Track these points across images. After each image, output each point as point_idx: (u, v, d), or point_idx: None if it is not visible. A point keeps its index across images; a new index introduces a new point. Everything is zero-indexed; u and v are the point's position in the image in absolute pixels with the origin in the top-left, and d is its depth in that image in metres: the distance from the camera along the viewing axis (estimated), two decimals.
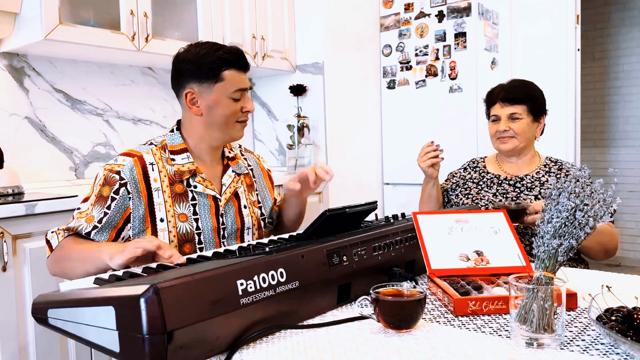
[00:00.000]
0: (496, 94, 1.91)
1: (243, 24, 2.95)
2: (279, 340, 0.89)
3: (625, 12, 4.97)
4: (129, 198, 1.33)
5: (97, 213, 1.33)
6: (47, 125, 2.50)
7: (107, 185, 1.34)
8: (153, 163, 1.39)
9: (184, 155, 1.43)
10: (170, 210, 1.38)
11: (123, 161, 1.37)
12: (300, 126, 3.23)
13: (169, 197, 1.38)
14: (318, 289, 1.00)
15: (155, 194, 1.37)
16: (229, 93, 1.41)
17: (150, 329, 0.73)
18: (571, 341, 0.86)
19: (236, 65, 1.41)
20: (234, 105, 1.42)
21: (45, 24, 2.10)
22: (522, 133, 1.84)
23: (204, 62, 1.38)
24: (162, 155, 1.42)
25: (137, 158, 1.38)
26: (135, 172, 1.35)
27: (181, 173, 1.40)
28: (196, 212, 1.41)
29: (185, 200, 1.40)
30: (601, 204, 0.88)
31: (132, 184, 1.34)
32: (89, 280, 0.95)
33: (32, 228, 1.84)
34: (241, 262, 0.88)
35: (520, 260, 1.18)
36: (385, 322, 0.92)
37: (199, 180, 1.42)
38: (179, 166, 1.41)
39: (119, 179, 1.33)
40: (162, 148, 1.43)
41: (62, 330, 0.88)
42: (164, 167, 1.40)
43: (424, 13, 3.40)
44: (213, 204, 1.44)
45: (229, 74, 1.40)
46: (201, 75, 1.39)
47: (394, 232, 1.22)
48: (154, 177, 1.37)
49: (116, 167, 1.35)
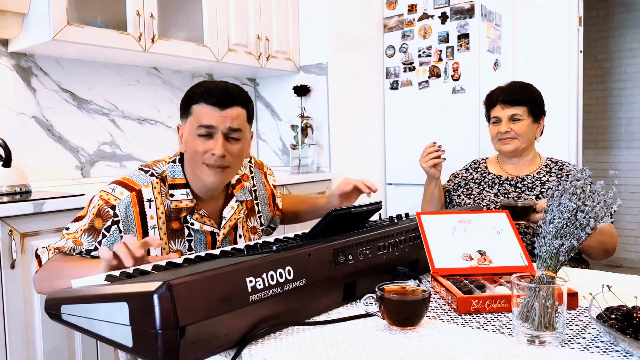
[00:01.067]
0: (496, 96, 1.93)
1: (248, 24, 2.98)
2: (287, 337, 0.91)
3: (628, 14, 4.98)
4: (120, 237, 1.28)
5: (86, 242, 1.29)
6: (54, 125, 2.52)
7: (100, 217, 1.29)
8: (151, 199, 1.33)
9: (183, 192, 1.36)
10: (165, 248, 1.34)
11: (120, 194, 1.30)
12: (304, 126, 3.25)
13: (165, 234, 1.34)
14: (324, 287, 1.03)
15: (151, 232, 1.32)
16: (194, 129, 1.31)
17: (163, 324, 0.75)
18: (572, 339, 0.88)
19: (206, 99, 1.30)
20: (196, 143, 1.31)
21: (53, 25, 2.12)
22: (523, 134, 1.87)
23: (184, 98, 1.36)
24: (161, 189, 1.35)
25: (135, 193, 1.31)
26: (131, 209, 1.30)
27: (179, 210, 1.35)
28: (191, 248, 1.38)
29: (181, 236, 1.36)
30: (602, 205, 0.90)
31: (124, 223, 1.29)
32: (101, 278, 0.98)
33: (39, 226, 1.87)
34: (250, 260, 0.90)
35: (522, 260, 1.20)
36: (390, 320, 0.94)
37: (196, 217, 1.37)
38: (177, 203, 1.35)
39: (113, 215, 1.28)
40: (162, 180, 1.36)
41: (75, 326, 0.90)
42: (162, 203, 1.34)
43: (427, 14, 3.42)
44: (210, 239, 1.41)
45: (197, 109, 1.31)
46: (181, 110, 1.37)
47: (398, 231, 1.24)
48: (150, 214, 1.32)
49: (112, 201, 1.29)
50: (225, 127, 1.31)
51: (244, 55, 2.95)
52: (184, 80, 3.08)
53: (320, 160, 3.32)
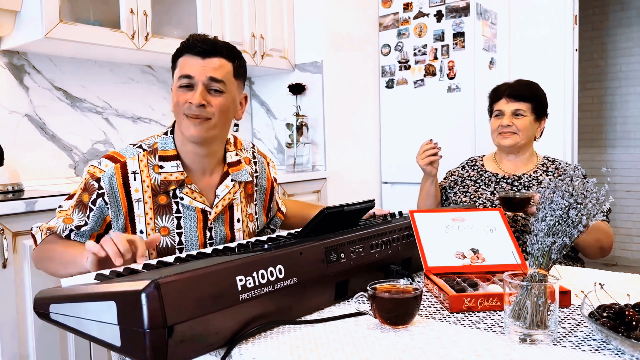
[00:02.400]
0: (502, 90, 1.94)
1: (242, 22, 2.97)
2: (278, 336, 0.90)
3: (623, 13, 4.99)
4: (107, 208, 1.28)
5: (76, 218, 1.28)
6: (47, 123, 2.51)
7: (86, 191, 1.28)
8: (136, 172, 1.29)
9: (174, 163, 1.31)
10: (150, 223, 1.30)
11: (105, 166, 1.29)
12: (299, 125, 3.24)
13: (151, 208, 1.30)
14: (316, 285, 1.02)
15: (136, 205, 1.29)
16: (176, 81, 1.30)
17: (151, 323, 0.75)
18: (564, 337, 0.88)
19: (189, 49, 1.27)
20: (178, 94, 1.29)
21: (46, 22, 2.11)
22: (524, 130, 1.87)
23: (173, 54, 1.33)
24: (149, 162, 1.31)
25: (119, 165, 1.29)
26: (115, 181, 1.27)
27: (167, 183, 1.30)
28: (180, 226, 1.32)
29: (168, 212, 1.31)
30: (594, 203, 0.89)
31: (110, 195, 1.27)
32: (90, 276, 0.97)
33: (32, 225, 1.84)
34: (241, 258, 0.90)
35: (515, 258, 1.20)
36: (381, 318, 0.94)
37: (186, 192, 1.32)
38: (166, 175, 1.31)
39: (97, 187, 1.27)
40: (151, 152, 1.32)
41: (64, 325, 0.90)
42: (149, 176, 1.30)
43: (423, 13, 3.42)
44: (201, 217, 1.34)
45: (182, 60, 1.29)
46: (171, 68, 1.35)
47: (391, 230, 1.24)
48: (135, 187, 1.29)
49: (97, 173, 1.28)
50: (205, 77, 1.27)
51: None
52: None
53: (316, 159, 3.31)
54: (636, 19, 4.92)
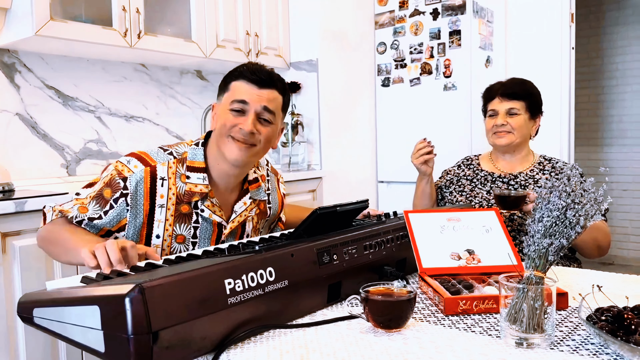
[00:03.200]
0: (495, 89, 1.92)
1: (237, 20, 2.94)
2: (267, 340, 0.88)
3: (619, 11, 4.97)
4: (126, 210, 1.28)
5: (92, 210, 1.28)
6: (39, 122, 2.48)
7: (109, 187, 1.28)
8: (164, 178, 1.31)
9: (200, 176, 1.33)
10: (168, 230, 1.32)
11: (135, 167, 1.29)
12: (294, 124, 3.22)
13: (172, 215, 1.32)
14: (308, 288, 1.00)
15: (158, 211, 1.30)
16: (228, 103, 1.32)
17: (135, 329, 0.72)
18: (561, 341, 0.86)
19: (247, 76, 1.31)
20: (227, 117, 1.31)
21: (36, 20, 2.08)
22: (518, 128, 1.85)
23: (225, 77, 1.36)
24: (177, 169, 1.33)
25: (149, 169, 1.30)
26: (142, 185, 1.28)
27: (191, 194, 1.32)
28: (196, 235, 1.35)
29: (187, 221, 1.34)
30: (592, 203, 0.87)
31: (133, 197, 1.28)
32: (76, 279, 0.94)
33: (21, 225, 1.82)
34: (229, 261, 0.87)
35: (511, 260, 1.18)
36: (374, 322, 0.91)
37: (207, 204, 1.34)
38: (191, 186, 1.32)
39: (123, 187, 1.27)
40: (180, 161, 1.34)
41: (48, 330, 0.87)
42: (175, 184, 1.31)
43: (419, 11, 3.39)
44: (216, 230, 1.37)
45: (236, 85, 1.32)
46: (219, 89, 1.37)
47: (385, 230, 1.22)
48: (161, 193, 1.30)
49: (125, 172, 1.28)
50: (260, 106, 1.31)
51: (233, 51, 2.91)
52: (171, 76, 3.04)
53: (311, 158, 3.29)
54: (632, 18, 4.91)
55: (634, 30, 4.91)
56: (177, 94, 3.08)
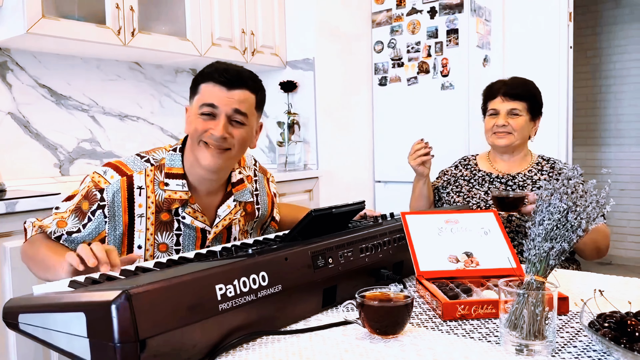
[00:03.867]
0: (497, 88, 1.88)
1: (232, 18, 2.91)
2: (260, 347, 0.85)
3: (617, 10, 4.96)
4: (105, 222, 1.25)
5: (71, 223, 1.25)
6: (31, 121, 2.44)
7: (87, 200, 1.25)
8: (142, 187, 1.27)
9: (179, 182, 1.29)
10: (149, 239, 1.28)
11: (111, 178, 1.26)
12: (291, 123, 3.19)
13: (152, 224, 1.28)
14: (302, 292, 0.97)
15: (138, 221, 1.27)
16: (197, 107, 1.26)
17: (121, 337, 0.70)
18: (562, 348, 0.83)
19: (215, 78, 1.25)
20: (198, 122, 1.26)
21: (28, 17, 2.04)
22: (520, 130, 1.82)
23: (194, 79, 1.31)
24: (155, 177, 1.29)
25: (125, 179, 1.26)
26: (119, 196, 1.25)
27: (171, 201, 1.28)
28: (179, 243, 1.32)
29: (169, 229, 1.30)
30: (594, 206, 0.84)
31: (111, 208, 1.25)
32: (64, 283, 0.91)
33: (12, 226, 1.79)
34: (220, 265, 0.84)
35: (510, 263, 1.15)
36: (370, 328, 0.89)
37: (188, 211, 1.30)
38: (170, 193, 1.29)
39: (99, 199, 1.24)
40: (158, 168, 1.30)
41: (33, 337, 0.85)
42: (154, 192, 1.28)
43: (416, 9, 3.37)
44: (200, 236, 1.34)
45: (205, 87, 1.26)
46: (190, 89, 1.32)
47: (382, 232, 1.19)
48: (139, 202, 1.27)
49: (102, 184, 1.25)
50: (230, 109, 1.25)
51: (229, 49, 2.88)
52: (166, 75, 3.01)
53: (307, 158, 3.26)
54: (630, 17, 4.89)
55: (631, 29, 4.89)
56: (172, 93, 3.04)
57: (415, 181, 1.92)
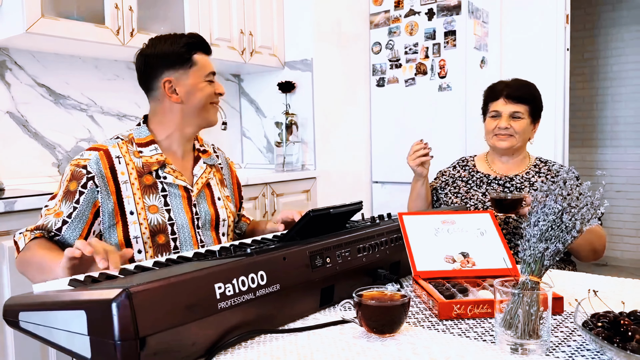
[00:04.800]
0: (499, 90, 1.87)
1: (231, 19, 2.91)
2: (258, 346, 0.86)
3: (614, 13, 4.98)
4: (97, 191, 1.31)
5: (66, 208, 1.29)
6: (30, 120, 2.45)
7: (74, 180, 1.31)
8: (120, 156, 1.37)
9: (152, 147, 1.41)
10: (139, 203, 1.35)
11: (89, 155, 1.35)
12: (289, 123, 3.20)
13: (138, 189, 1.36)
14: (300, 292, 0.98)
15: (124, 187, 1.34)
16: (204, 76, 1.44)
17: (122, 334, 0.70)
18: (557, 347, 0.85)
19: (203, 48, 1.45)
20: (209, 87, 1.45)
21: (27, 17, 2.05)
22: (521, 132, 1.83)
23: (174, 49, 1.41)
24: (128, 148, 1.40)
25: (102, 152, 1.36)
26: (101, 165, 1.33)
27: (149, 165, 1.39)
28: (167, 203, 1.40)
29: (154, 191, 1.39)
30: (589, 207, 0.86)
31: (99, 178, 1.32)
32: (64, 282, 0.92)
33: (11, 225, 1.80)
34: (219, 264, 0.85)
35: (506, 264, 1.16)
36: (367, 327, 0.90)
37: (168, 171, 1.41)
38: (147, 158, 1.39)
39: (86, 172, 1.31)
40: (129, 141, 1.41)
41: (34, 334, 0.85)
42: (131, 160, 1.38)
43: (414, 11, 3.38)
44: (185, 195, 1.43)
45: (200, 58, 1.44)
46: (175, 62, 1.41)
47: (379, 233, 1.20)
48: (121, 170, 1.35)
49: (82, 162, 1.33)
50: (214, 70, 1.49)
51: (227, 50, 2.89)
52: None
53: (305, 158, 3.27)
54: (627, 19, 4.92)
55: (628, 31, 4.92)
56: None
57: (413, 181, 1.93)
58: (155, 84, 1.44)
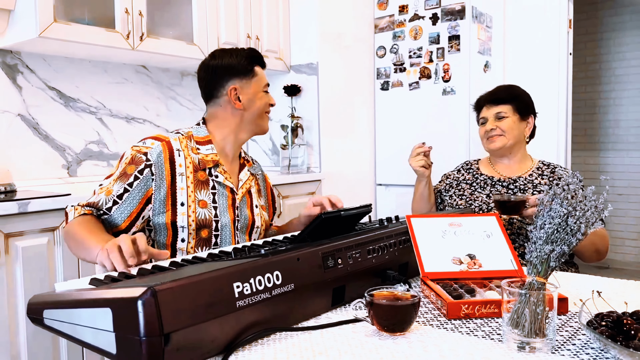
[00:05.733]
0: (483, 99, 2.00)
1: (238, 23, 2.95)
2: (274, 343, 0.90)
3: (616, 17, 5.01)
4: (152, 179, 1.38)
5: (117, 187, 1.37)
6: (40, 123, 2.49)
7: (133, 164, 1.39)
8: (180, 149, 1.45)
9: (209, 147, 1.50)
10: (191, 196, 1.43)
11: (152, 144, 1.43)
12: (294, 126, 3.24)
13: (192, 183, 1.44)
14: (313, 291, 1.01)
15: (179, 179, 1.42)
16: (262, 87, 1.56)
17: (147, 331, 0.74)
18: (562, 345, 0.88)
19: (260, 62, 1.57)
20: (266, 97, 1.56)
21: (40, 22, 2.09)
22: (509, 130, 1.88)
23: (239, 61, 1.52)
24: (187, 144, 1.48)
25: (165, 143, 1.44)
26: (162, 156, 1.41)
27: (205, 162, 1.47)
28: (215, 201, 1.47)
29: (206, 187, 1.46)
30: (593, 211, 0.89)
31: (157, 167, 1.39)
32: (85, 281, 0.96)
33: (24, 226, 1.83)
34: (238, 264, 0.89)
35: (512, 265, 1.20)
36: (379, 325, 0.93)
37: (220, 170, 1.49)
38: (203, 155, 1.48)
39: (146, 159, 1.39)
40: (188, 137, 1.49)
41: (58, 331, 0.88)
42: (189, 155, 1.46)
43: (418, 15, 3.42)
44: (230, 196, 1.51)
45: (259, 70, 1.56)
46: (240, 72, 1.51)
47: (388, 235, 1.23)
48: (179, 162, 1.43)
49: (144, 149, 1.41)
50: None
51: None
52: (172, 78, 3.05)
53: (311, 161, 3.31)
54: (629, 24, 4.95)
55: (630, 36, 4.95)
56: (178, 96, 3.09)
57: (416, 183, 1.97)
58: (220, 91, 1.53)
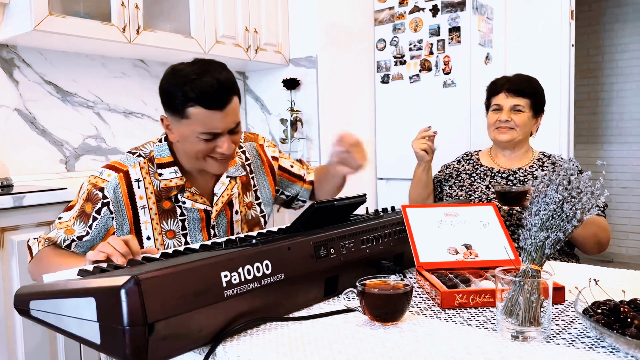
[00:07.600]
0: (501, 84, 1.91)
1: (236, 16, 2.93)
2: (264, 333, 0.88)
3: (619, 9, 4.97)
4: (111, 218, 1.29)
5: (78, 229, 1.29)
6: (37, 118, 2.48)
7: (89, 201, 1.29)
8: (139, 179, 1.32)
9: (172, 170, 1.34)
10: (157, 228, 1.33)
11: (108, 176, 1.30)
12: (294, 120, 3.22)
13: (156, 214, 1.33)
14: (304, 281, 1.00)
15: (141, 212, 1.32)
16: (196, 133, 1.25)
17: (130, 320, 0.72)
18: (557, 334, 0.86)
19: (204, 103, 1.21)
20: (203, 144, 1.27)
21: (35, 15, 2.07)
22: (522, 126, 1.85)
23: (170, 95, 1.25)
24: (149, 169, 1.34)
25: (122, 174, 1.31)
26: (119, 190, 1.29)
27: (168, 189, 1.34)
28: (185, 227, 1.37)
29: (173, 216, 1.35)
30: (589, 197, 0.87)
31: (114, 204, 1.29)
32: (73, 272, 0.94)
33: (20, 220, 1.83)
34: (226, 253, 0.87)
35: (508, 254, 1.18)
36: (371, 315, 0.91)
37: (187, 195, 1.36)
38: (166, 182, 1.33)
39: (102, 197, 1.28)
40: (149, 161, 1.35)
41: (44, 322, 0.87)
42: (151, 183, 1.33)
43: (418, 7, 3.39)
44: (204, 216, 1.39)
45: (195, 113, 1.22)
46: (169, 107, 1.27)
47: (383, 225, 1.22)
48: (139, 194, 1.32)
49: (100, 183, 1.29)
50: (231, 125, 1.28)
51: (232, 47, 2.91)
52: None
53: (310, 154, 3.29)
54: (632, 15, 4.90)
55: (633, 27, 4.90)
56: None
57: (416, 167, 1.94)
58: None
